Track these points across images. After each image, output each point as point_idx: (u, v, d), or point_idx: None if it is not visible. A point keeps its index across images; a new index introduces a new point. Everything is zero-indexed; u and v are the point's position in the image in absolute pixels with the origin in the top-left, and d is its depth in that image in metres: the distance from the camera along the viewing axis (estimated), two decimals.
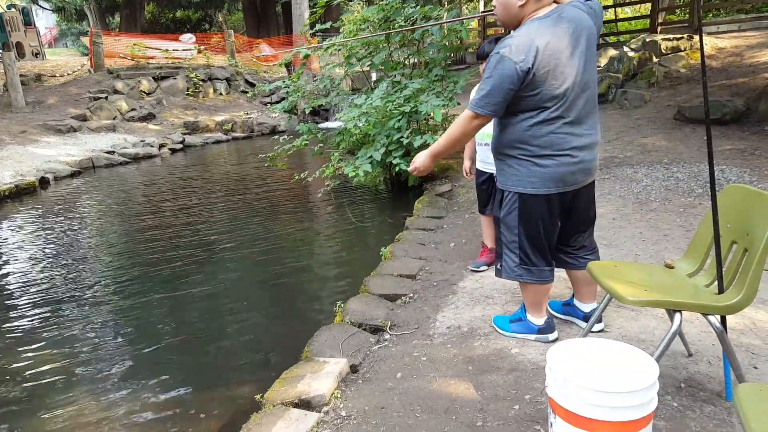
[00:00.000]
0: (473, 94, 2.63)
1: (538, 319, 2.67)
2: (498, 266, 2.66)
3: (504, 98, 2.30)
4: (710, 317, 2.03)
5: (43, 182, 8.93)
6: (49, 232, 6.20)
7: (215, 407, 2.76)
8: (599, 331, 2.70)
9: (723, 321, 2.08)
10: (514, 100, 2.34)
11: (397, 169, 5.73)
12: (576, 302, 2.80)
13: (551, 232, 2.51)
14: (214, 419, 2.66)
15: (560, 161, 2.35)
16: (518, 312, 2.77)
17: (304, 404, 2.32)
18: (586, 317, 2.74)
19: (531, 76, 2.24)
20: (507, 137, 2.44)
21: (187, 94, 16.19)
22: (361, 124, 6.02)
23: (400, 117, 5.68)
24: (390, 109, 5.69)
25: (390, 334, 2.93)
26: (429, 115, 5.46)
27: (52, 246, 5.66)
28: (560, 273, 2.96)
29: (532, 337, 2.69)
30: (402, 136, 5.56)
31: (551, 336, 2.67)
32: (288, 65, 15.67)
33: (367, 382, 2.49)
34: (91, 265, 5.01)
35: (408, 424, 2.13)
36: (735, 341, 2.49)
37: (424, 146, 5.81)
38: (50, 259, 5.22)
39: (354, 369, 2.61)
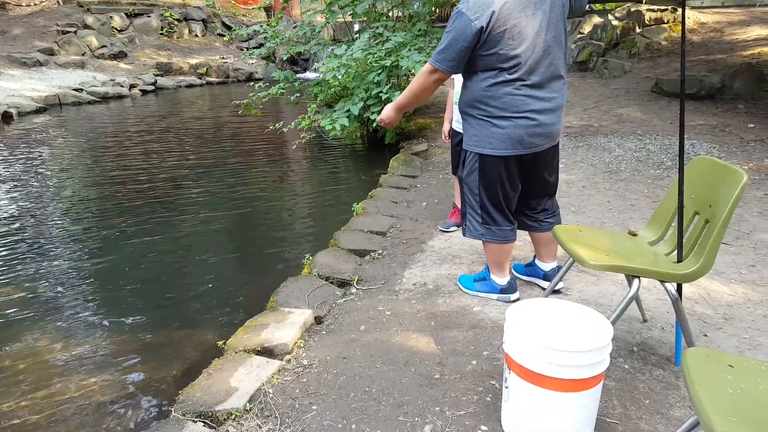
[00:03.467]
0: None
1: (501, 279, 2.72)
2: (463, 225, 2.70)
3: (460, 55, 2.33)
4: (667, 284, 2.08)
5: (6, 117, 8.59)
6: (10, 168, 6.00)
7: (177, 352, 2.76)
8: (557, 291, 2.77)
9: (679, 289, 2.15)
10: (473, 59, 2.36)
11: (374, 125, 5.67)
12: (537, 262, 2.87)
13: (511, 193, 2.54)
14: (176, 363, 2.66)
15: (518, 123, 2.36)
16: (482, 272, 2.82)
17: (267, 352, 2.33)
18: (545, 276, 2.82)
19: (486, 35, 2.25)
20: (468, 96, 2.48)
21: (161, 34, 15.60)
22: (340, 76, 5.90)
23: (380, 71, 5.57)
24: (370, 62, 5.58)
25: (357, 289, 2.95)
26: (410, 70, 5.37)
27: (12, 184, 5.49)
28: (526, 237, 3.01)
29: (495, 296, 2.74)
30: (381, 91, 5.48)
31: (513, 296, 2.73)
32: (268, 9, 15.18)
33: (330, 333, 2.52)
34: (54, 206, 4.88)
35: (368, 374, 2.17)
36: (688, 309, 2.59)
37: None
38: (10, 197, 5.07)
39: (318, 320, 2.63)
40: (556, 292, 2.76)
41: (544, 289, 2.82)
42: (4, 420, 2.28)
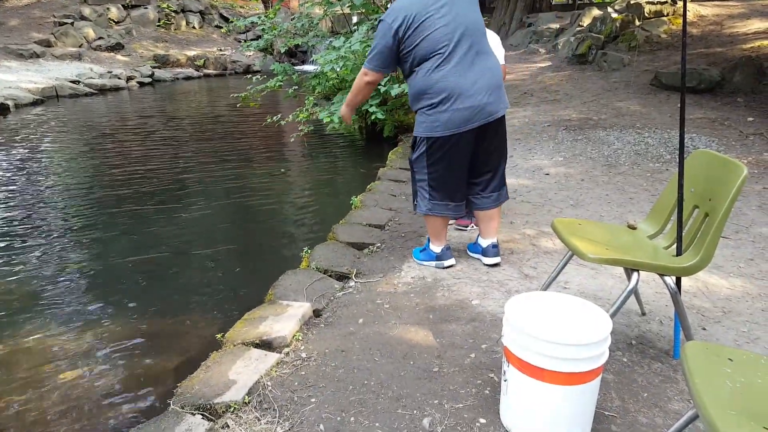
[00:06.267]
0: None
1: (437, 248, 3.03)
2: (414, 203, 3.01)
3: (383, 55, 2.68)
4: (666, 278, 2.08)
5: (3, 109, 8.56)
6: (7, 160, 5.98)
7: (175, 344, 2.76)
8: (494, 265, 3.02)
9: (678, 282, 2.14)
10: (402, 60, 2.70)
11: (372, 117, 5.64)
12: (478, 238, 3.12)
13: (456, 171, 2.80)
14: (174, 356, 2.66)
15: (454, 105, 2.63)
16: (426, 243, 3.11)
17: (265, 345, 2.33)
18: (484, 252, 3.06)
19: (403, 33, 2.60)
20: (410, 92, 2.80)
21: (158, 26, 15.52)
22: (338, 69, 5.87)
23: None
24: None
25: (355, 282, 2.95)
26: None
27: (11, 176, 5.47)
28: (526, 230, 2.99)
29: (433, 263, 3.05)
30: (379, 84, 5.45)
31: (446, 262, 3.03)
32: (265, 1, 15.10)
33: (329, 326, 2.51)
34: (51, 198, 4.87)
35: (366, 367, 2.17)
36: (687, 303, 2.59)
37: (402, 95, 5.73)
38: (9, 190, 5.05)
39: (317, 313, 2.63)
40: (494, 265, 3.02)
41: (485, 265, 3.04)
42: (1, 413, 2.28)
